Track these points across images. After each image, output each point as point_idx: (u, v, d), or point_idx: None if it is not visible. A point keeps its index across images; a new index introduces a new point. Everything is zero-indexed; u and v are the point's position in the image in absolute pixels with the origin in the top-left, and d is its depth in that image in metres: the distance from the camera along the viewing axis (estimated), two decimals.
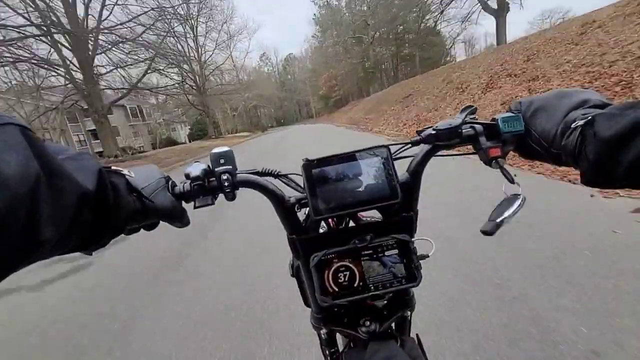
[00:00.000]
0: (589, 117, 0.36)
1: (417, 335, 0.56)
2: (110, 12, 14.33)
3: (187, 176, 0.44)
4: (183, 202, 0.44)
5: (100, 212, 0.32)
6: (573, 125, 0.38)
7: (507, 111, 0.46)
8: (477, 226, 0.41)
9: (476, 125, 0.45)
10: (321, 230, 0.51)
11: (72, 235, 0.29)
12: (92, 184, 0.30)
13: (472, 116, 0.47)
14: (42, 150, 0.25)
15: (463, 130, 0.45)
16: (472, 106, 0.47)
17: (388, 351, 0.46)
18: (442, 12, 22.90)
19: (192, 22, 25.32)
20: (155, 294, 2.04)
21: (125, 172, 0.39)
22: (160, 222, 0.43)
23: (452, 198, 2.79)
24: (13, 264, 0.23)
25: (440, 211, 2.52)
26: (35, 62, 12.44)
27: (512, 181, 0.43)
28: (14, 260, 0.23)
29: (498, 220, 0.40)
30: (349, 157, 0.44)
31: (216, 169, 0.44)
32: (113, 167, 0.37)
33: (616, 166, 0.34)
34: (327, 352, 0.58)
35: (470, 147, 0.47)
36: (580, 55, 5.29)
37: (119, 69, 15.06)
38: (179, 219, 0.43)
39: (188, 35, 22.92)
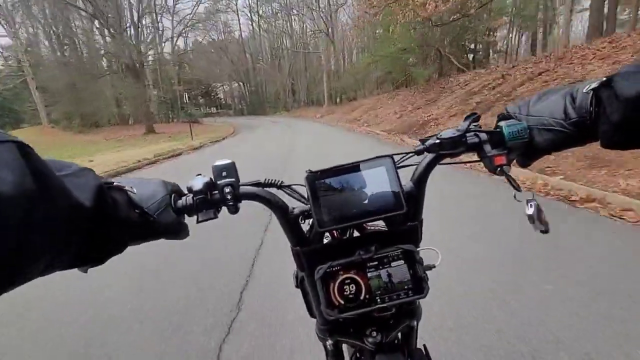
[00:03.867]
0: (603, 79, 0.40)
1: (424, 345, 0.61)
2: None
3: (190, 190, 0.48)
4: (185, 216, 0.49)
5: (98, 229, 0.35)
6: (585, 90, 0.42)
7: (501, 114, 0.52)
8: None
9: (480, 134, 0.49)
10: (325, 241, 0.55)
11: (67, 252, 0.32)
12: (89, 200, 0.33)
13: (475, 124, 0.50)
14: (40, 168, 0.28)
15: (467, 139, 0.49)
16: (476, 113, 0.51)
17: None
18: None
19: None
20: None
21: (127, 188, 0.42)
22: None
23: None
24: (3, 283, 0.26)
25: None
26: None
27: (518, 189, 0.47)
28: (5, 278, 0.26)
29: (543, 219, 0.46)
30: (353, 167, 0.48)
31: (219, 182, 0.47)
32: (115, 183, 0.41)
33: None
34: None
35: (474, 155, 0.52)
36: None
37: None
38: (181, 235, 0.48)
39: None
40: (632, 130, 0.38)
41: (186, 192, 0.49)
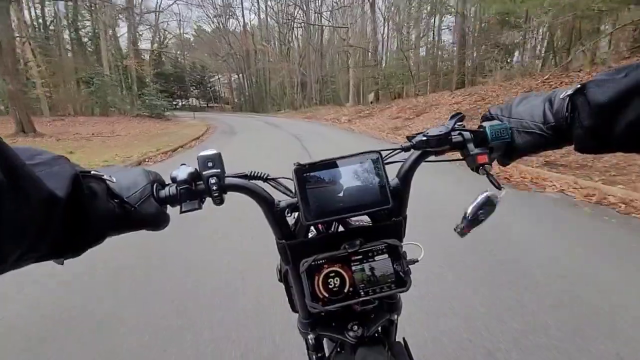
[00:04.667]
0: (578, 86, 0.41)
1: (403, 338, 0.61)
2: None
3: (174, 180, 0.47)
4: (168, 206, 0.48)
5: (73, 220, 0.34)
6: (562, 96, 0.43)
7: (484, 114, 0.54)
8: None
9: (464, 133, 0.51)
10: (310, 235, 0.56)
11: (39, 245, 0.31)
12: (63, 190, 0.32)
13: (460, 123, 0.52)
14: (7, 156, 0.26)
15: (452, 137, 0.51)
16: (461, 113, 0.52)
17: (377, 357, 0.52)
18: None
19: None
20: None
21: (106, 177, 0.41)
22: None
23: None
24: None
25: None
26: None
27: (498, 187, 0.49)
28: None
29: (469, 217, 0.49)
30: (340, 162, 0.49)
31: (204, 172, 0.47)
32: (93, 172, 0.40)
33: (611, 131, 0.38)
34: (313, 357, 0.62)
35: (458, 153, 0.53)
36: None
37: None
38: (162, 226, 0.48)
39: None
40: (603, 135, 0.39)
41: (169, 181, 0.48)
